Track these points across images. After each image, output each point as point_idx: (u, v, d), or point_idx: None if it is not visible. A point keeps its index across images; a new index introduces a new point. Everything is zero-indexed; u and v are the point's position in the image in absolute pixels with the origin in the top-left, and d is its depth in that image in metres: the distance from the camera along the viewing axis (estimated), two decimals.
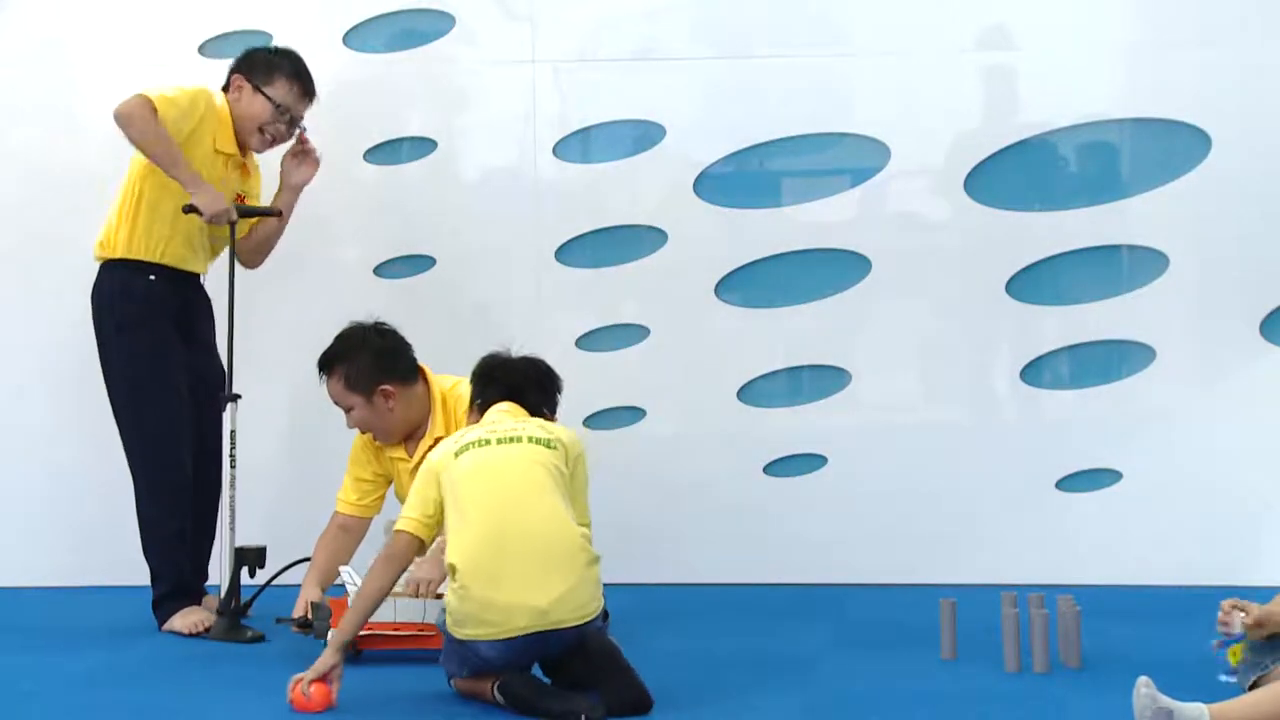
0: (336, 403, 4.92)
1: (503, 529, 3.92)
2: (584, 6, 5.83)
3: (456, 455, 4.05)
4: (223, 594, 4.99)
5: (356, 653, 4.55)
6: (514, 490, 3.99)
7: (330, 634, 4.10)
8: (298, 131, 5.27)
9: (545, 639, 3.89)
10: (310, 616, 4.63)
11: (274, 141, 5.23)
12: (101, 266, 5.13)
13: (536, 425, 4.14)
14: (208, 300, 5.25)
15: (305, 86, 5.22)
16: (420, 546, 4.08)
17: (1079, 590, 4.71)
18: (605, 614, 4.06)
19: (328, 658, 3.98)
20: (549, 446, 4.08)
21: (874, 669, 4.45)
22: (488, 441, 4.06)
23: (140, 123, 4.92)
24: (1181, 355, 5.59)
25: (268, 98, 5.14)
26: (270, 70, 5.17)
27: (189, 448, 5.13)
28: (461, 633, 3.93)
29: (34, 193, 5.84)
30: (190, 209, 4.96)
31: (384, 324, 4.96)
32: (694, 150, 5.75)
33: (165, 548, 5.12)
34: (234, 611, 4.94)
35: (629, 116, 5.79)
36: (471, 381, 4.35)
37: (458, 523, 3.98)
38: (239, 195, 5.18)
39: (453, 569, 3.95)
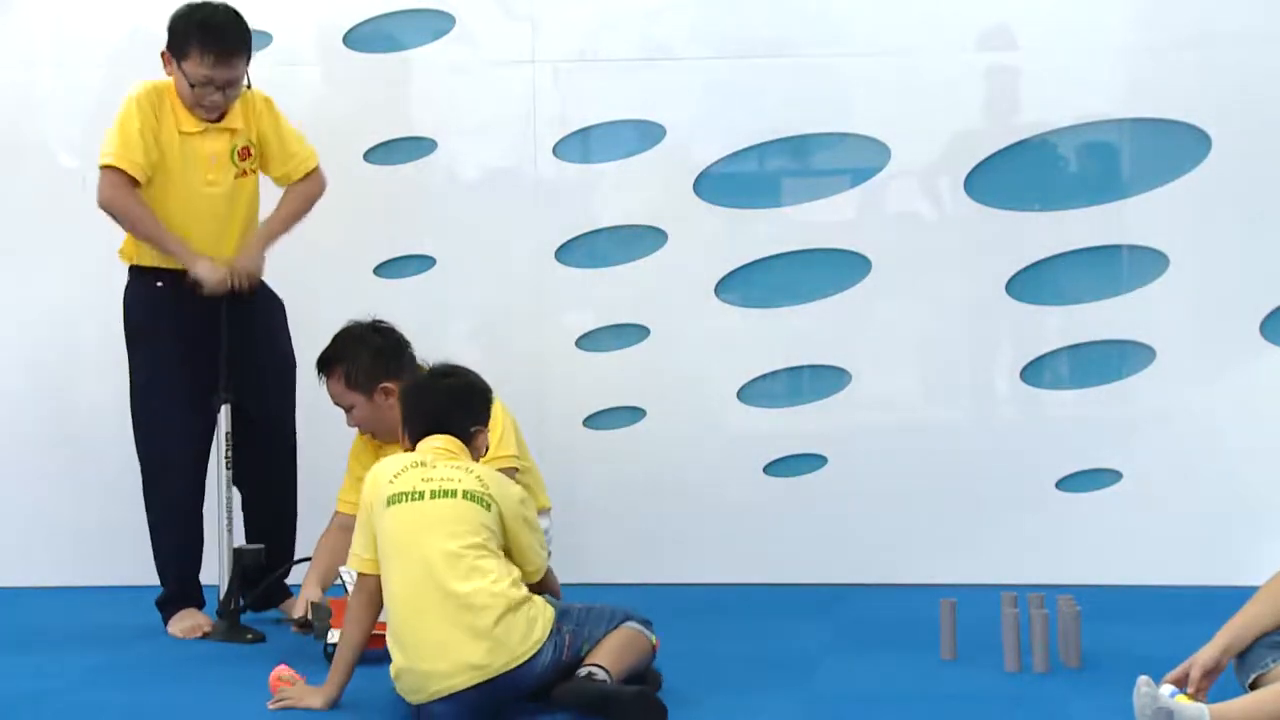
0: (337, 402, 4.92)
1: (427, 596, 3.87)
2: (584, 6, 5.83)
3: (388, 504, 3.97)
4: (222, 595, 5.00)
5: None
6: (438, 554, 3.89)
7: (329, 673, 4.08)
8: (243, 89, 4.99)
9: (492, 688, 3.86)
10: (310, 616, 4.63)
11: (218, 107, 4.97)
12: (127, 269, 5.13)
13: (475, 477, 4.00)
14: (261, 294, 5.15)
15: (220, 52, 4.85)
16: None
17: (1079, 590, 4.71)
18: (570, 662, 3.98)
19: (312, 701, 4.01)
20: (484, 505, 3.97)
21: (874, 669, 4.45)
22: (420, 495, 3.96)
23: (121, 208, 4.89)
24: (1181, 355, 5.58)
25: (186, 75, 4.90)
26: (183, 44, 4.86)
27: (195, 456, 5.11)
28: (411, 699, 3.93)
29: (33, 194, 5.84)
30: (193, 282, 4.95)
31: (382, 322, 4.96)
32: (694, 150, 5.75)
33: (163, 554, 5.14)
34: (234, 612, 4.95)
35: (629, 116, 5.79)
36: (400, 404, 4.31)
37: (387, 585, 3.97)
38: (244, 149, 5.08)
39: (389, 640, 3.96)
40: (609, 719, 3.79)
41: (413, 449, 4.15)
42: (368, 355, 4.86)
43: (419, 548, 3.91)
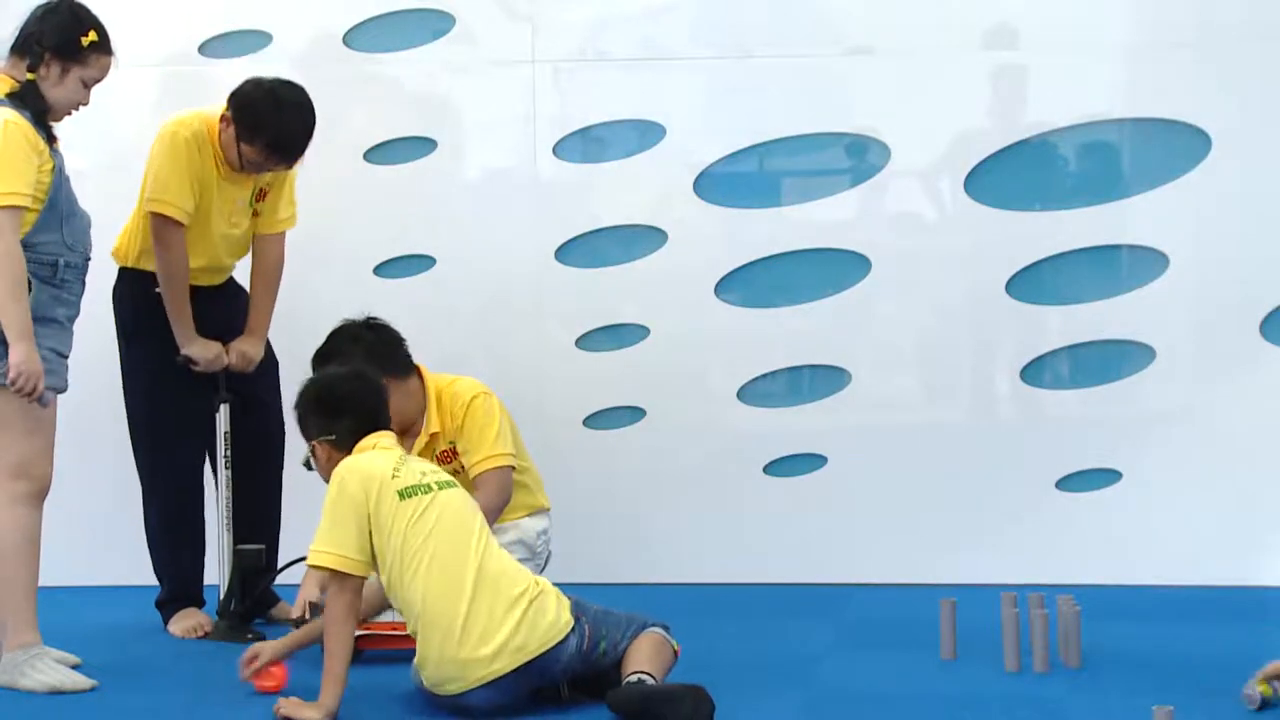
0: None
1: (463, 583, 3.93)
2: (584, 6, 5.83)
3: (401, 498, 3.99)
4: (222, 595, 5.00)
5: (357, 653, 4.53)
6: (466, 541, 3.99)
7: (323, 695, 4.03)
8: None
9: (528, 671, 3.93)
10: (309, 616, 4.63)
11: (256, 172, 5.03)
12: (118, 270, 5.13)
13: (444, 470, 4.23)
14: (240, 301, 5.18)
15: (283, 158, 4.94)
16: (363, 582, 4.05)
17: (1079, 590, 4.71)
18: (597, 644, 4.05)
19: (310, 715, 3.93)
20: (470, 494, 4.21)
21: (874, 669, 4.45)
22: (429, 488, 4.03)
23: (169, 255, 4.91)
24: (1181, 355, 5.58)
25: (241, 153, 4.93)
26: (253, 131, 4.88)
27: (194, 456, 5.13)
28: (445, 690, 3.96)
29: None
30: (185, 359, 4.98)
31: (376, 319, 4.96)
32: (694, 150, 5.75)
33: (162, 554, 5.15)
34: (235, 612, 4.95)
35: (629, 116, 5.79)
36: (310, 412, 4.26)
37: (411, 580, 3.95)
38: (261, 192, 5.09)
39: (416, 635, 3.98)
40: (662, 716, 3.81)
41: (338, 457, 4.15)
42: (361, 353, 4.85)
43: (452, 539, 3.97)
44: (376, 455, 4.10)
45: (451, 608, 3.92)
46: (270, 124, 4.88)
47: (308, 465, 4.30)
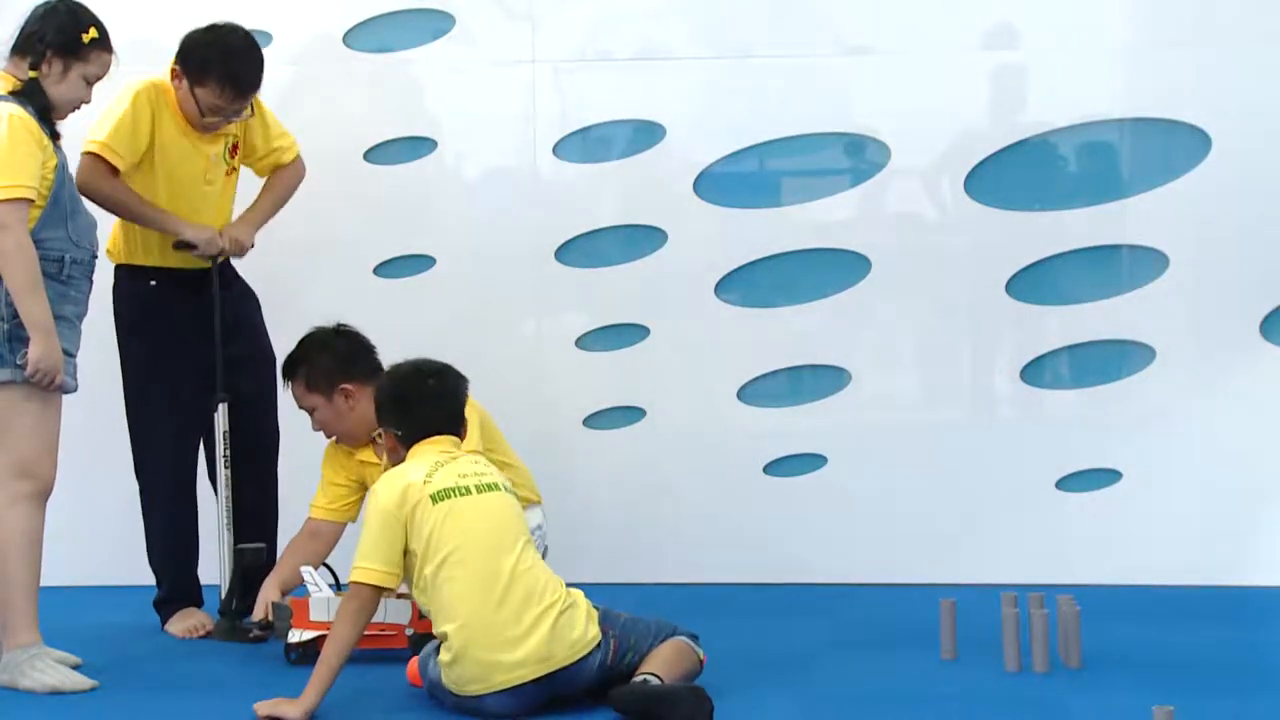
0: (300, 405, 4.96)
1: (496, 584, 3.94)
2: (584, 6, 5.83)
3: (434, 501, 4.01)
4: (223, 594, 5.00)
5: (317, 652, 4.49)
6: (501, 544, 4.00)
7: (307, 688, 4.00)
8: (246, 112, 5.02)
9: (550, 683, 3.95)
10: (271, 618, 4.64)
11: (219, 127, 5.00)
12: (114, 268, 5.14)
13: (494, 470, 4.18)
14: (237, 288, 5.17)
15: (239, 89, 4.89)
16: (382, 595, 4.07)
17: (1079, 590, 4.71)
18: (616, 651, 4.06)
19: (289, 711, 3.92)
20: (515, 495, 4.17)
21: (874, 669, 4.45)
22: (467, 490, 4.04)
23: (98, 192, 4.86)
24: (1181, 355, 5.58)
25: (197, 99, 4.92)
26: (202, 71, 4.86)
27: (189, 454, 5.13)
28: (466, 690, 3.96)
29: None
30: (181, 245, 4.96)
31: (345, 326, 5.00)
32: (694, 150, 5.75)
33: (161, 552, 5.15)
34: (235, 612, 4.95)
35: (629, 116, 5.79)
36: (384, 406, 4.28)
37: (443, 579, 3.97)
38: (234, 147, 5.09)
39: (445, 635, 3.97)
40: (661, 716, 3.82)
41: (401, 450, 4.18)
42: (328, 358, 4.90)
43: (485, 542, 3.98)
44: (412, 463, 4.12)
45: (481, 609, 3.92)
46: (217, 60, 4.88)
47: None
